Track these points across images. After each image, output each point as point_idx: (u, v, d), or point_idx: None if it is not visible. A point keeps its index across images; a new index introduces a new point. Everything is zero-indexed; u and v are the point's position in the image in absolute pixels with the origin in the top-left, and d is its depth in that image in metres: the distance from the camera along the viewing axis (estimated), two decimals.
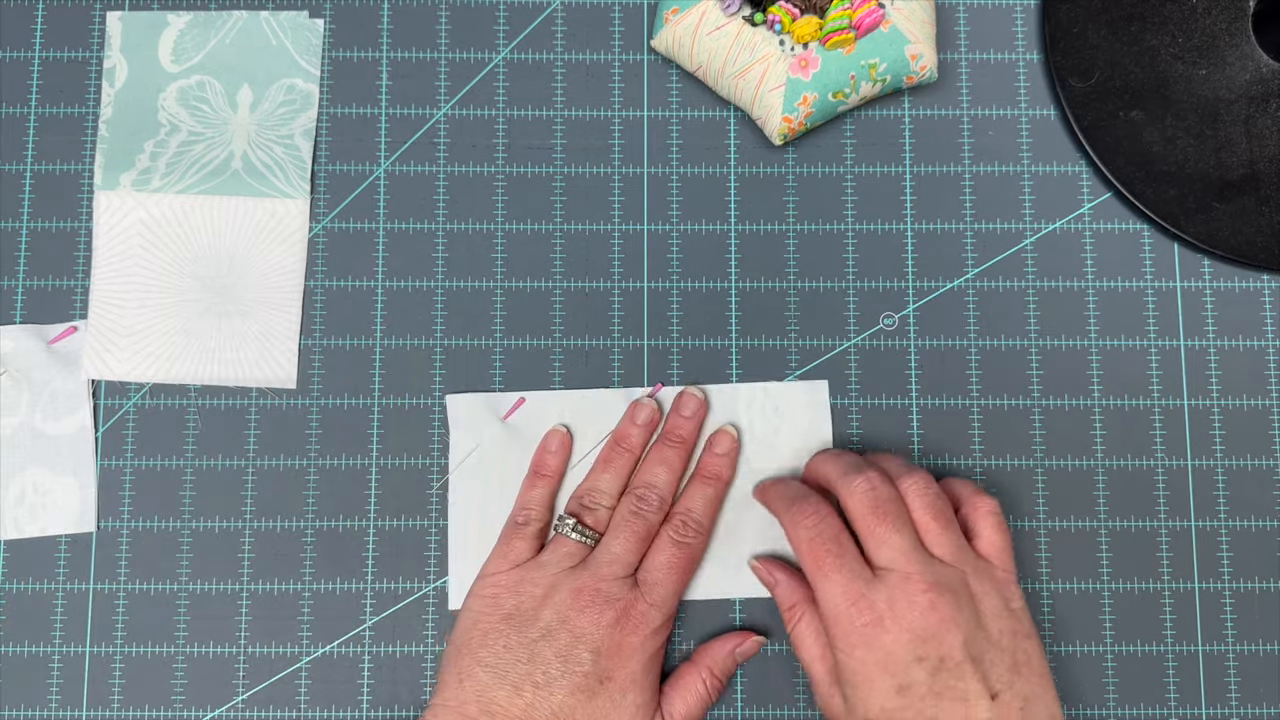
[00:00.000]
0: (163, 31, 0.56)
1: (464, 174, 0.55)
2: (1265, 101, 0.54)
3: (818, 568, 0.45)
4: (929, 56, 0.52)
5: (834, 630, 0.44)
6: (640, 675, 0.47)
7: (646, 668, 0.48)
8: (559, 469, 0.52)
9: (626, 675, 0.47)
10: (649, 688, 0.48)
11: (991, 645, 0.43)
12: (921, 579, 0.43)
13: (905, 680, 0.42)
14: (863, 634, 0.43)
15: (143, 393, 0.54)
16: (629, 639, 0.47)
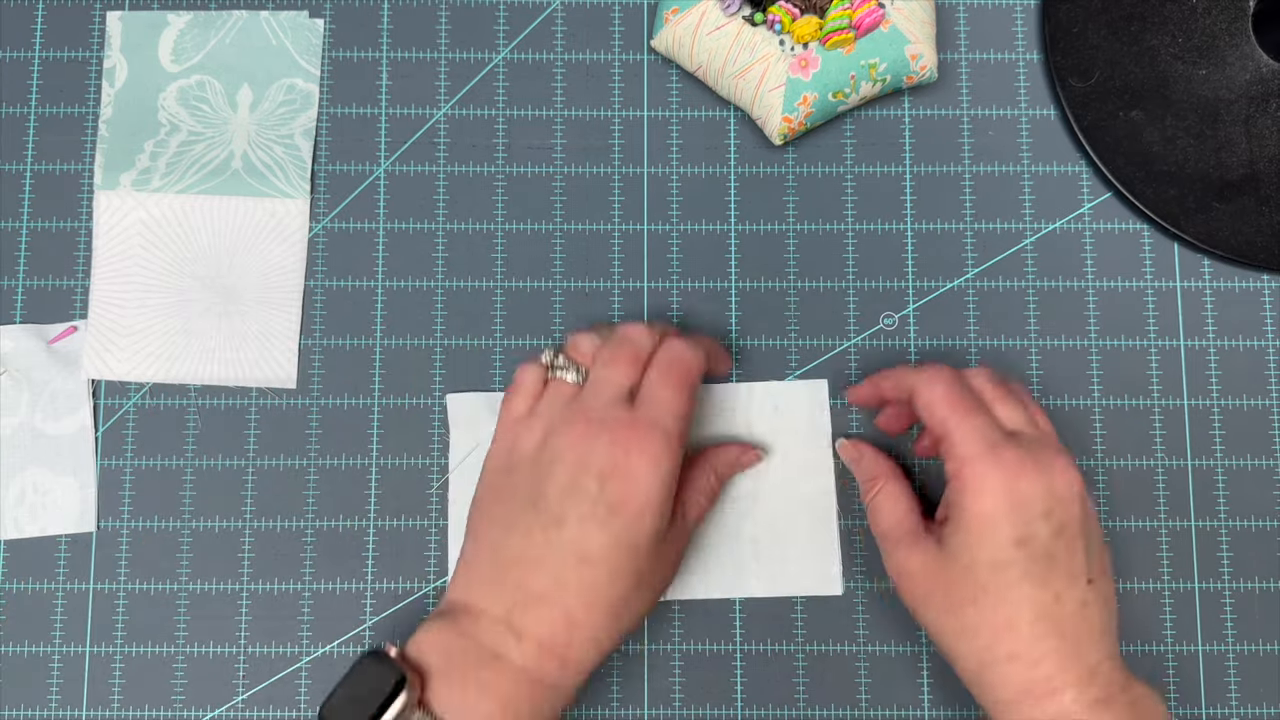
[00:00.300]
0: (163, 31, 0.56)
1: (464, 174, 0.55)
2: (1265, 101, 0.54)
3: (956, 410, 0.44)
4: (929, 56, 0.52)
5: (967, 471, 0.43)
6: (655, 500, 0.44)
7: (660, 494, 0.44)
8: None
9: (639, 501, 0.43)
10: (666, 514, 0.44)
11: (1095, 531, 0.44)
12: (1053, 442, 0.44)
13: (1027, 533, 0.42)
14: (1000, 477, 0.42)
15: (143, 393, 0.54)
16: (634, 461, 0.43)
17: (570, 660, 0.43)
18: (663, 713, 0.52)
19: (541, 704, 0.43)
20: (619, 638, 0.45)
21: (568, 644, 0.43)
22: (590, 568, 0.43)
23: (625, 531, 0.43)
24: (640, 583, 0.44)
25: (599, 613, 0.43)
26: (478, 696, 0.42)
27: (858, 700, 0.52)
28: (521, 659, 0.43)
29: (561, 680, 0.43)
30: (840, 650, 0.52)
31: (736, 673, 0.52)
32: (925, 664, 0.52)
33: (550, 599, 0.43)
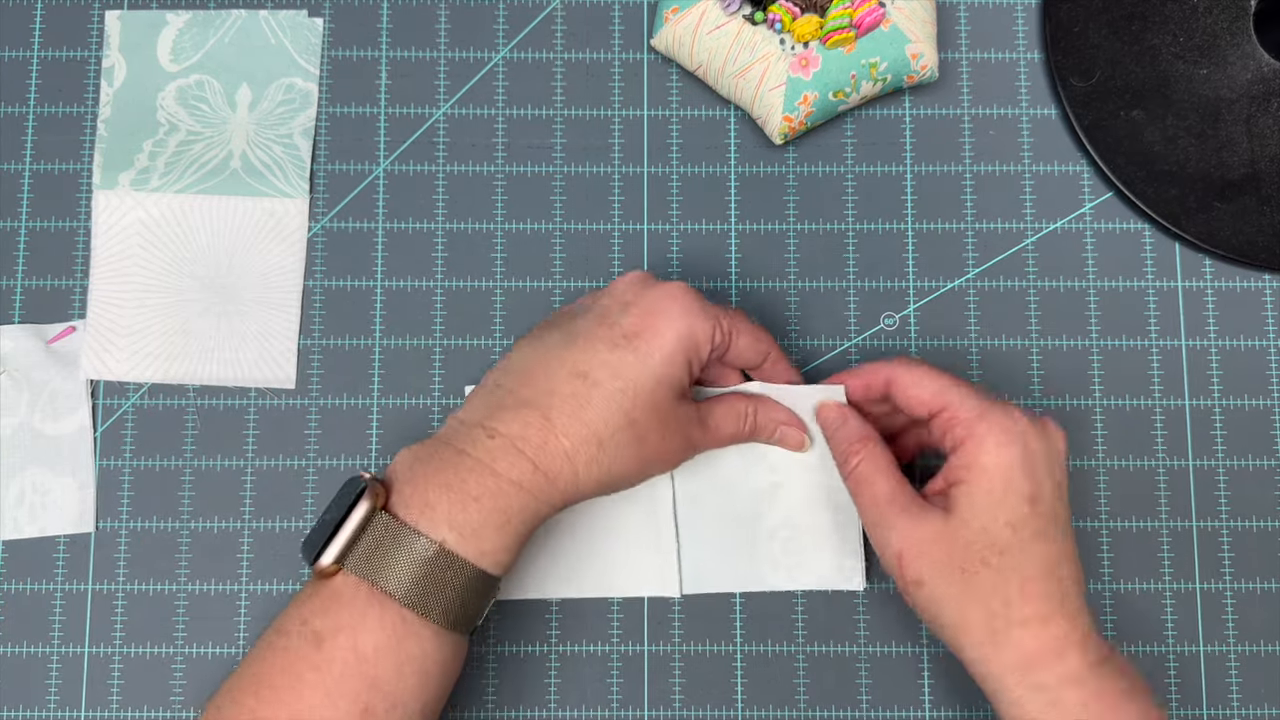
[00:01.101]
0: (161, 31, 0.56)
1: (464, 173, 0.55)
2: (1266, 101, 0.54)
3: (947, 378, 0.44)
4: (929, 56, 0.52)
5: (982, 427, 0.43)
6: (668, 344, 0.43)
7: (675, 342, 0.43)
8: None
9: (653, 337, 0.43)
10: (676, 371, 0.44)
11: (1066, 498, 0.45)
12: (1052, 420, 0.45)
13: (1037, 491, 0.42)
14: (1015, 433, 0.43)
15: (141, 393, 0.54)
16: (665, 303, 0.44)
17: (542, 466, 0.42)
18: (663, 713, 0.52)
19: (510, 504, 0.41)
20: (597, 477, 0.43)
21: (541, 446, 0.42)
22: (584, 383, 0.43)
23: (630, 361, 0.43)
24: (630, 427, 0.43)
25: (580, 427, 0.42)
26: (439, 493, 0.41)
27: (858, 700, 0.52)
28: (489, 455, 0.42)
29: (534, 485, 0.42)
30: (840, 650, 0.52)
31: (736, 673, 0.52)
32: (926, 664, 0.52)
33: (534, 403, 0.43)
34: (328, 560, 0.41)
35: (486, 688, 0.52)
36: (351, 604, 0.40)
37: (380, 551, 0.40)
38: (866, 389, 0.48)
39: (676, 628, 0.52)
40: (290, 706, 0.39)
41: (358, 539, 0.41)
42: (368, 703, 0.39)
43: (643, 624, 0.52)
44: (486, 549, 0.41)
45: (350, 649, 0.40)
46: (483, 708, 0.52)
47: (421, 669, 0.41)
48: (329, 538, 0.41)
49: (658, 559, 0.52)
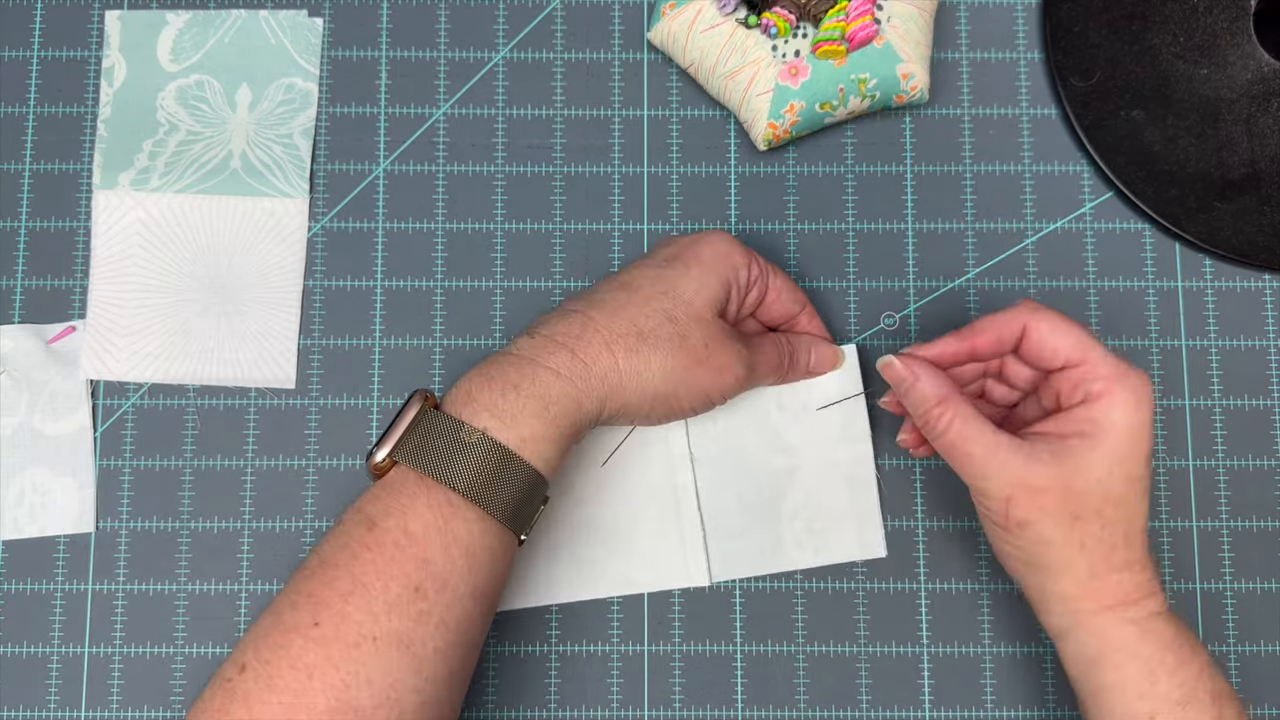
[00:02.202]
0: (161, 30, 0.56)
1: (463, 173, 0.55)
2: (1266, 101, 0.54)
3: (1086, 333, 0.45)
4: (921, 77, 0.52)
5: (1120, 387, 0.43)
6: (707, 264, 0.47)
7: (717, 264, 0.47)
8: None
9: (695, 258, 0.47)
10: (716, 281, 0.47)
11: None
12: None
13: (1152, 453, 0.44)
14: (1148, 395, 0.44)
15: (141, 393, 0.54)
16: (706, 235, 0.48)
17: (580, 354, 0.44)
18: (663, 713, 0.52)
19: (548, 390, 0.44)
20: (639, 370, 0.45)
21: (579, 337, 0.45)
22: (626, 290, 0.46)
23: (669, 274, 0.46)
24: (672, 324, 0.45)
25: (620, 321, 0.45)
26: (481, 385, 0.44)
27: (858, 700, 0.52)
28: (529, 350, 0.44)
29: (571, 371, 0.44)
30: (840, 650, 0.52)
31: (736, 673, 0.52)
32: (926, 664, 0.52)
33: (577, 310, 0.46)
34: (381, 456, 0.43)
35: (486, 688, 0.52)
36: (402, 490, 0.42)
37: (428, 443, 0.43)
38: (999, 342, 0.46)
39: (676, 628, 0.52)
40: (345, 584, 0.41)
41: (408, 435, 0.43)
42: (419, 581, 0.41)
43: (643, 624, 0.52)
44: (526, 435, 0.43)
45: (401, 530, 0.41)
46: (483, 708, 0.52)
47: (468, 551, 0.42)
48: (382, 437, 0.44)
49: (684, 551, 0.52)
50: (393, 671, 0.40)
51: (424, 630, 0.41)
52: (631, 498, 0.52)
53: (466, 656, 0.43)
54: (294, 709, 0.39)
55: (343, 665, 0.39)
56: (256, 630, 0.41)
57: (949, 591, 0.52)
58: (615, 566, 0.52)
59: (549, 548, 0.52)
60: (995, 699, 0.52)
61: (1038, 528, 0.43)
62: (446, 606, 0.41)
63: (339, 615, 0.40)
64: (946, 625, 0.52)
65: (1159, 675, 0.42)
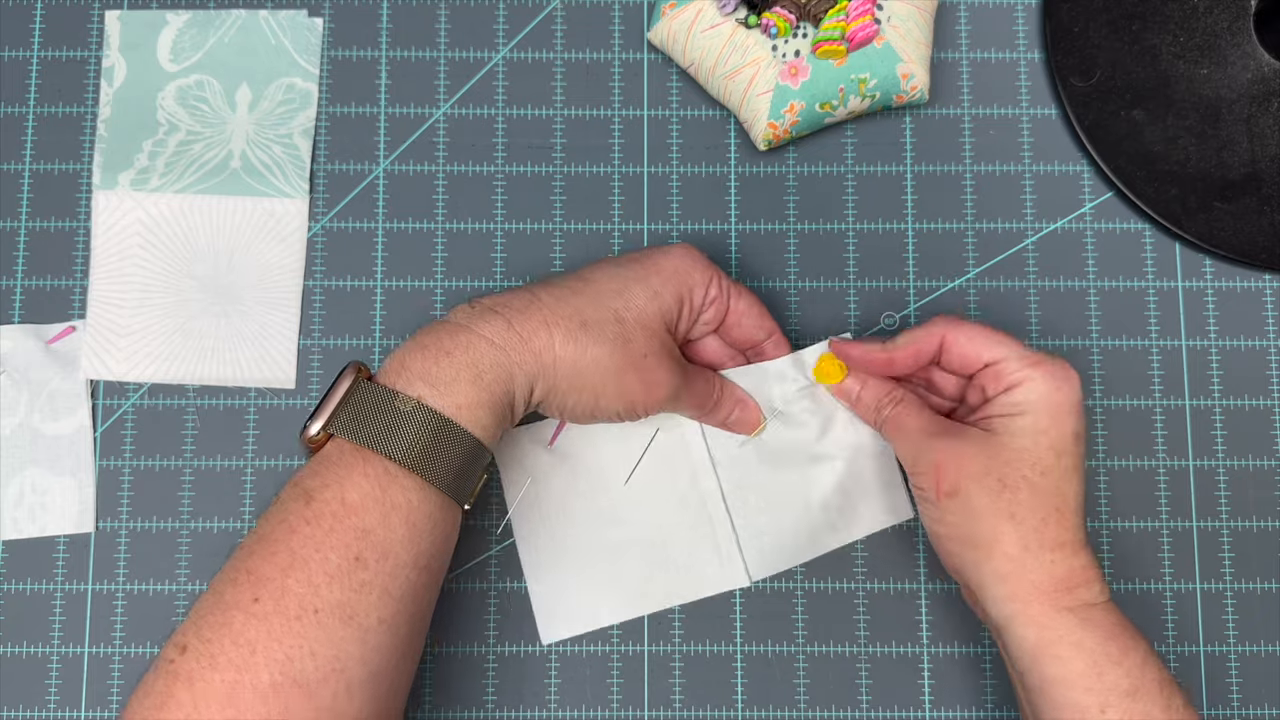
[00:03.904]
0: (161, 30, 0.56)
1: (463, 173, 0.55)
2: (1266, 101, 0.54)
3: (1000, 332, 0.46)
4: (920, 77, 0.52)
5: (1041, 371, 0.44)
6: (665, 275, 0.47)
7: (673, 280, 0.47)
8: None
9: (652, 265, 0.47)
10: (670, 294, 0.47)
11: None
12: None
13: (1080, 432, 0.45)
14: (1072, 377, 0.45)
15: (141, 393, 0.54)
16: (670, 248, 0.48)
17: (517, 326, 0.44)
18: (663, 713, 0.52)
19: (481, 358, 0.43)
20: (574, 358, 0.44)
21: (520, 311, 0.44)
22: (581, 281, 0.46)
23: (629, 275, 0.46)
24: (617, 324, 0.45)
25: (566, 306, 0.45)
26: (415, 354, 0.43)
27: (858, 700, 0.52)
28: (467, 318, 0.44)
29: (506, 342, 0.43)
30: (840, 650, 0.52)
31: (736, 673, 0.52)
32: (926, 664, 0.52)
33: (527, 290, 0.46)
34: (315, 429, 0.43)
35: (486, 688, 0.52)
36: (338, 462, 0.42)
37: (362, 414, 0.42)
38: (917, 355, 0.48)
39: (676, 628, 0.52)
40: (284, 558, 0.40)
41: (342, 407, 0.43)
42: (359, 552, 0.40)
43: (643, 624, 0.52)
44: (462, 402, 0.43)
45: (338, 500, 0.41)
46: (483, 708, 0.52)
47: (409, 519, 0.42)
48: (315, 411, 0.43)
49: (720, 556, 0.52)
50: (337, 643, 0.40)
51: (367, 600, 0.40)
52: (661, 511, 0.52)
53: (414, 626, 0.43)
54: (238, 686, 0.38)
55: (285, 639, 0.39)
56: (197, 611, 0.41)
57: (948, 591, 0.52)
58: (656, 582, 0.52)
59: (587, 573, 0.52)
60: (995, 699, 0.52)
61: (966, 495, 0.44)
62: (389, 576, 0.41)
63: (279, 589, 0.40)
64: (946, 625, 0.52)
65: (1104, 666, 0.42)
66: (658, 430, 0.52)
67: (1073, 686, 0.42)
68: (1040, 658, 0.43)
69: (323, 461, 0.42)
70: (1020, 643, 0.43)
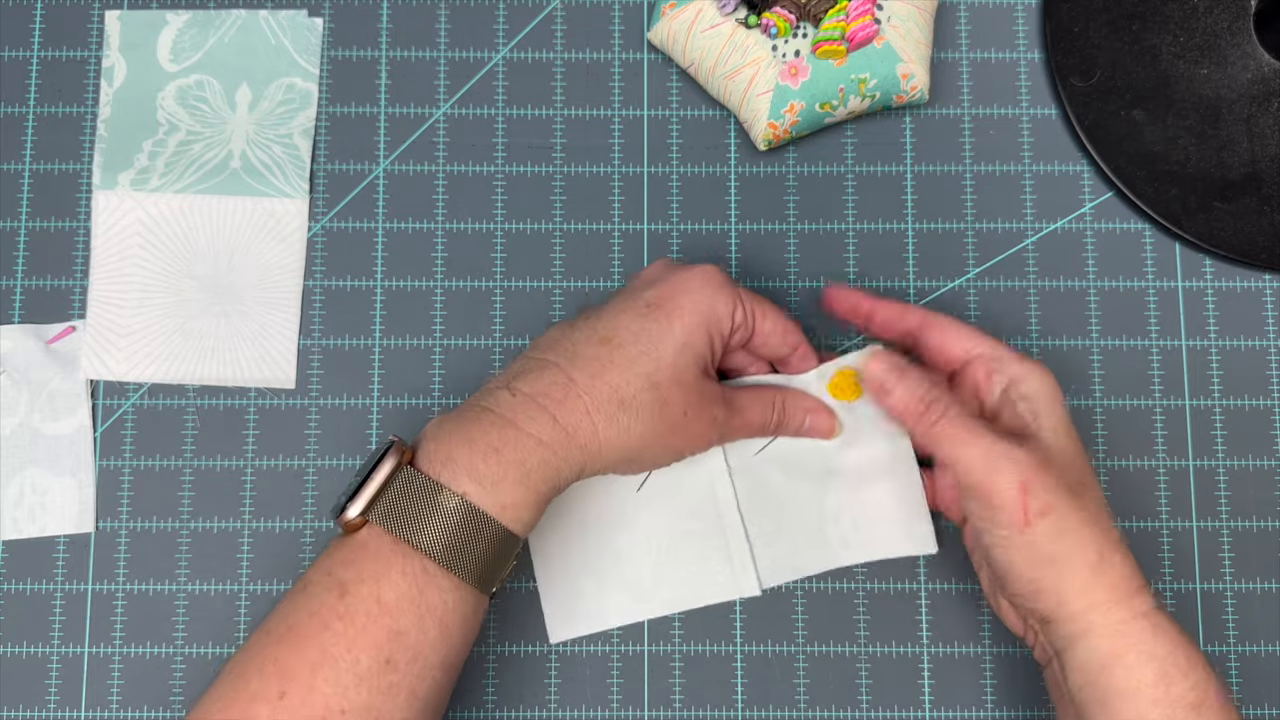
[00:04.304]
0: (161, 30, 0.56)
1: (463, 173, 0.55)
2: (1267, 101, 0.54)
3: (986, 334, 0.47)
4: (921, 77, 0.52)
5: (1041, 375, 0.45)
6: (692, 316, 0.45)
7: (699, 314, 0.45)
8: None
9: (677, 307, 0.45)
10: (700, 335, 0.45)
11: None
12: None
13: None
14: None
15: (141, 393, 0.54)
16: (690, 277, 0.46)
17: (561, 421, 0.42)
18: (663, 713, 0.52)
19: (529, 457, 0.42)
20: (618, 438, 0.43)
21: (561, 401, 0.43)
22: (608, 347, 0.44)
23: (651, 328, 0.44)
24: (652, 390, 0.44)
25: (601, 385, 0.43)
26: (461, 447, 0.42)
27: (858, 700, 0.52)
28: (510, 411, 0.42)
29: (553, 440, 0.42)
30: (840, 650, 0.52)
31: (736, 673, 0.52)
32: (926, 664, 0.52)
33: (558, 365, 0.44)
34: (354, 513, 0.41)
35: (486, 688, 0.52)
36: (376, 555, 0.41)
37: (404, 504, 0.41)
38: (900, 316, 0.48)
39: (676, 628, 0.52)
40: (314, 654, 0.39)
41: (382, 493, 0.41)
42: (390, 654, 0.40)
43: (643, 624, 0.52)
44: (507, 502, 0.41)
45: (374, 599, 0.40)
46: (483, 708, 0.52)
47: (442, 621, 0.41)
48: (355, 492, 0.41)
49: (732, 563, 0.51)
50: None
51: (394, 702, 0.40)
52: (674, 517, 0.51)
53: (434, 718, 0.42)
54: None
55: None
56: (219, 691, 0.40)
57: (949, 591, 0.52)
58: (666, 587, 0.52)
59: (597, 575, 0.52)
60: (995, 699, 0.52)
61: (1058, 511, 0.42)
62: (417, 677, 0.40)
63: (307, 687, 0.39)
64: (946, 625, 0.52)
65: (1173, 677, 0.41)
66: None
67: (1140, 698, 0.41)
68: (1110, 667, 0.41)
69: (357, 550, 0.41)
70: (1090, 655, 0.41)
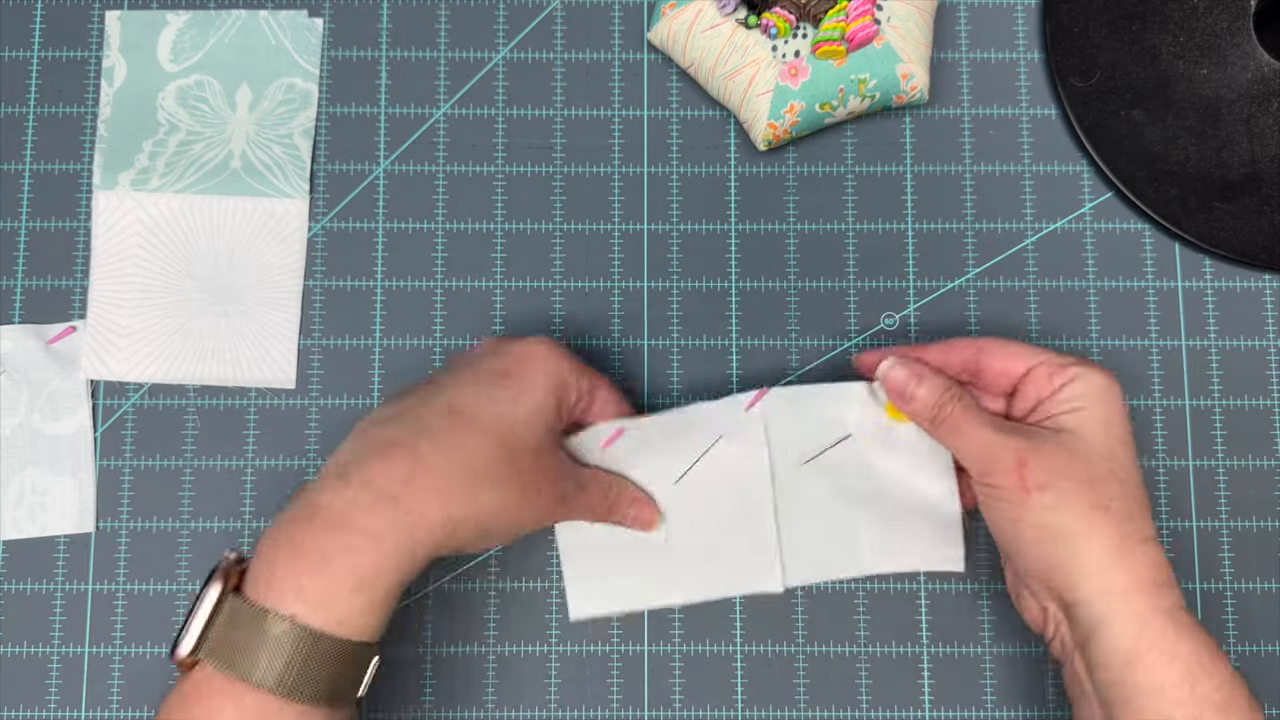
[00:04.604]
0: (161, 31, 0.56)
1: (464, 174, 0.55)
2: (1266, 101, 0.54)
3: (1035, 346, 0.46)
4: (920, 77, 0.52)
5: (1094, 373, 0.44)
6: (539, 384, 0.43)
7: (545, 381, 0.43)
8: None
9: (524, 377, 0.43)
10: (550, 404, 0.43)
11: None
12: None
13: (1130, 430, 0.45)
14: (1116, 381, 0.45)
15: (141, 393, 0.54)
16: (533, 347, 0.44)
17: (405, 505, 0.39)
18: (663, 713, 0.52)
19: (363, 561, 0.38)
20: (475, 515, 0.40)
21: (406, 482, 0.39)
22: (458, 417, 0.41)
23: (503, 396, 0.42)
24: (508, 461, 0.41)
25: (453, 461, 0.40)
26: (288, 561, 0.38)
27: (858, 700, 0.52)
28: (344, 506, 0.39)
29: (396, 530, 0.38)
30: (840, 650, 0.52)
31: (736, 673, 0.52)
32: (926, 664, 0.52)
33: (403, 443, 0.40)
34: (182, 653, 0.38)
35: (486, 688, 0.52)
36: (209, 694, 0.38)
37: (231, 637, 0.38)
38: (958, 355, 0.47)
39: (676, 628, 0.52)
40: None
41: (209, 626, 0.38)
42: None
43: (643, 624, 0.52)
44: (343, 616, 0.38)
45: None
46: (483, 708, 0.52)
47: None
48: (182, 628, 0.39)
49: (757, 559, 0.50)
50: None
51: None
52: (707, 513, 0.50)
53: None
54: None
55: None
56: None
57: (949, 591, 0.52)
58: (689, 575, 0.50)
59: (621, 557, 0.50)
60: (995, 699, 0.52)
61: (1055, 489, 0.42)
62: None
63: None
64: (946, 625, 0.52)
65: (1198, 676, 0.40)
66: (720, 438, 0.49)
67: (1165, 697, 0.40)
68: (1133, 664, 0.40)
69: (194, 689, 0.38)
70: (1113, 646, 0.41)
